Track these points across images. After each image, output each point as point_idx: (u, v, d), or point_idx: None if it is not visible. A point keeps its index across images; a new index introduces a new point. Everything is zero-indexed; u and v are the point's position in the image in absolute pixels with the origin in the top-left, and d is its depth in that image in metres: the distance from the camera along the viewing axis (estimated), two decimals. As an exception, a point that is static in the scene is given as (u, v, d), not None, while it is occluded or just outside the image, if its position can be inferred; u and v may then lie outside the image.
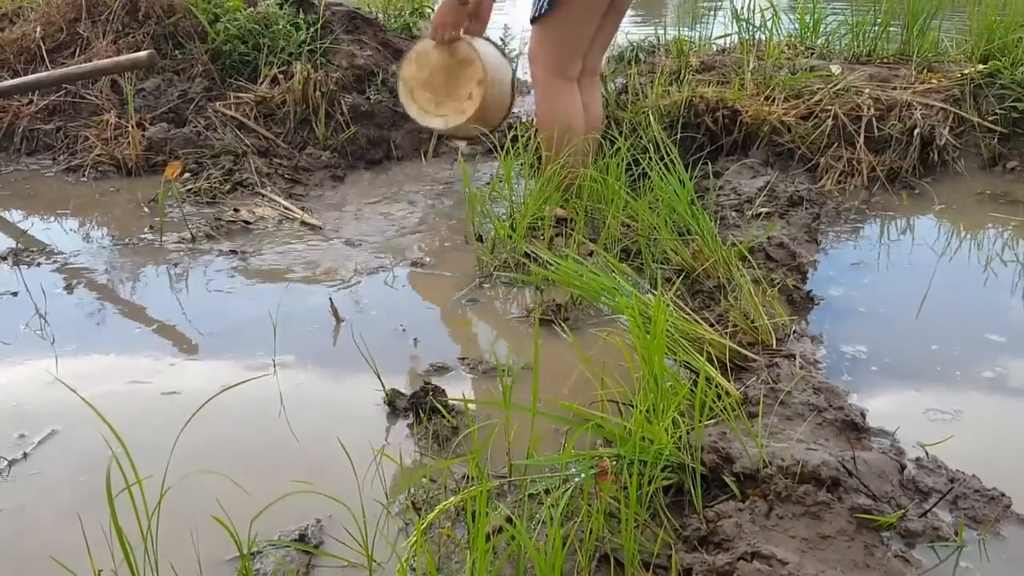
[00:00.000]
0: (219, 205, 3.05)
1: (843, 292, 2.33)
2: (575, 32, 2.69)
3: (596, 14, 2.69)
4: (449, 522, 1.42)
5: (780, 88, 3.44)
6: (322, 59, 3.78)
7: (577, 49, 2.76)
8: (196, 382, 1.93)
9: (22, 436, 1.70)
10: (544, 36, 2.70)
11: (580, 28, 2.69)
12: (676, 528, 1.39)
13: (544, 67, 2.73)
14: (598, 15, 2.69)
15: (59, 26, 3.99)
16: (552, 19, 2.63)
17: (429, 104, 3.04)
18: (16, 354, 2.05)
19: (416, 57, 3.04)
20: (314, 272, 2.51)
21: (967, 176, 3.22)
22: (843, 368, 1.94)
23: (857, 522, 1.34)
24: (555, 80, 2.72)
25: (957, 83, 3.44)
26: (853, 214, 2.92)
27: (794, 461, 1.42)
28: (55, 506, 1.50)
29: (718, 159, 3.26)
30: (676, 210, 2.40)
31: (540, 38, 2.72)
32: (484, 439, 1.60)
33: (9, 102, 3.73)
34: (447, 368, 1.97)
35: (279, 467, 1.61)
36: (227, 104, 3.62)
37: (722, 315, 2.05)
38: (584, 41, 2.75)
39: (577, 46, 2.75)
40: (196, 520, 1.37)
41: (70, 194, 3.23)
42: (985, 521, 1.42)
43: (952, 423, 1.73)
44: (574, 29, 2.68)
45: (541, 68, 2.75)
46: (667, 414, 1.48)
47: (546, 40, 2.70)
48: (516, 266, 2.45)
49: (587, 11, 2.67)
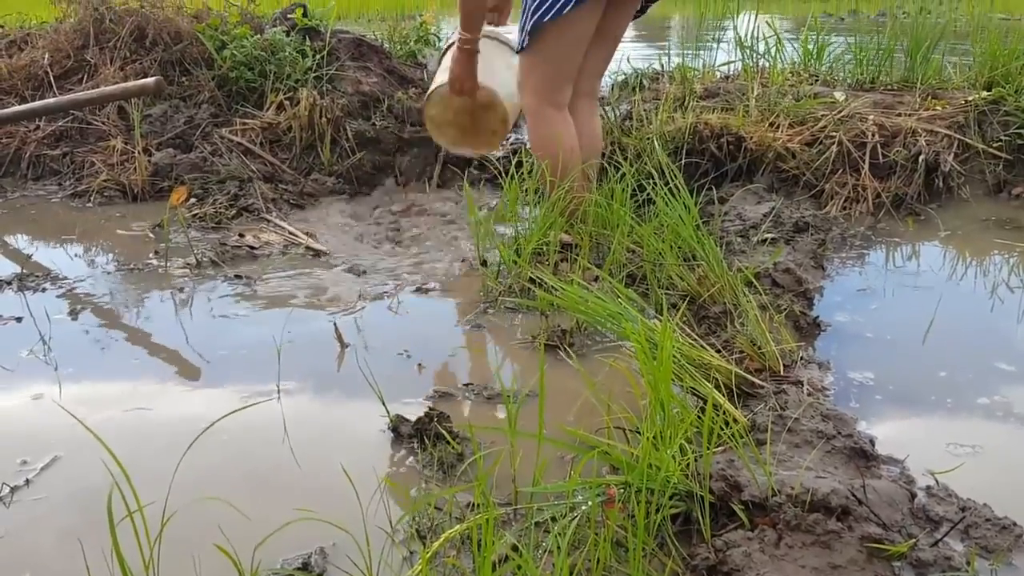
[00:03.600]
0: (224, 230, 3.05)
1: (850, 318, 2.32)
2: (560, 60, 2.69)
3: (581, 42, 2.68)
4: (454, 551, 1.40)
5: (784, 115, 3.45)
6: (328, 86, 3.80)
7: (565, 77, 2.74)
8: (199, 408, 1.92)
9: (24, 462, 1.69)
10: (531, 65, 2.71)
11: (566, 56, 2.69)
12: (684, 557, 1.37)
13: (533, 95, 2.74)
14: (584, 42, 2.68)
15: (67, 53, 4.03)
16: (535, 48, 2.64)
17: (456, 138, 3.23)
18: (19, 380, 2.04)
19: (439, 99, 3.14)
20: (319, 298, 2.50)
21: (972, 203, 3.22)
22: (851, 395, 1.92)
23: (868, 551, 1.32)
24: (544, 108, 2.73)
25: (961, 110, 3.45)
26: (859, 240, 2.91)
27: (803, 489, 1.41)
28: (57, 532, 1.49)
29: (723, 185, 3.27)
30: (681, 235, 2.40)
31: (528, 67, 2.73)
32: (489, 466, 1.59)
33: (16, 128, 3.75)
34: (452, 394, 1.96)
35: (282, 493, 1.59)
36: (233, 130, 3.64)
37: (728, 341, 2.04)
38: (571, 68, 2.73)
39: (564, 74, 2.73)
40: (198, 547, 1.35)
41: (76, 219, 3.24)
42: (997, 550, 1.40)
43: (962, 451, 1.71)
44: (559, 57, 2.68)
45: (530, 97, 2.76)
46: (674, 441, 1.46)
47: (534, 69, 2.71)
48: (521, 291, 2.45)
49: (571, 40, 2.66)
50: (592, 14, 2.63)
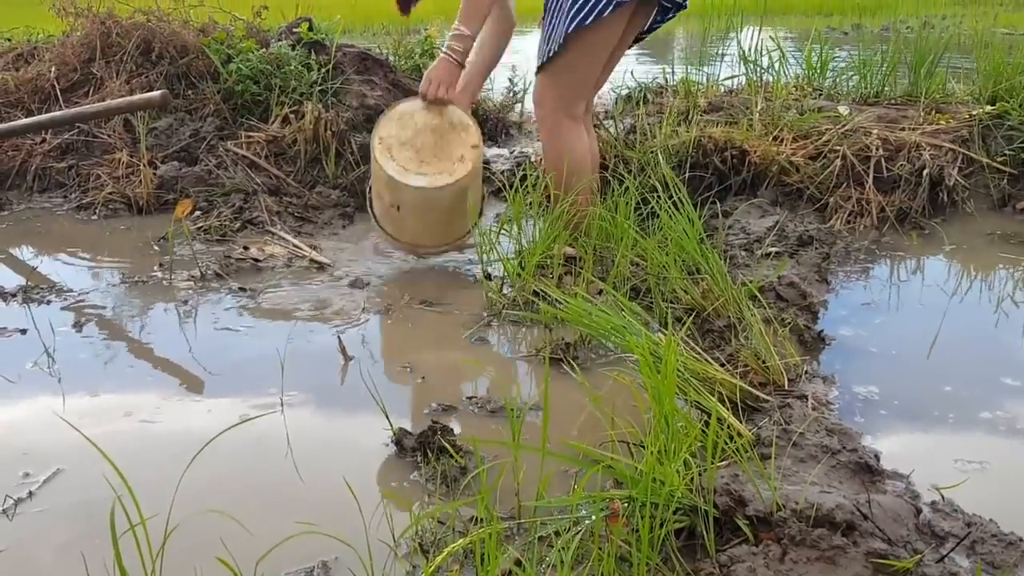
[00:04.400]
0: (229, 243, 3.06)
1: (854, 332, 2.31)
2: (586, 68, 2.72)
3: (608, 48, 2.71)
4: (457, 565, 1.40)
5: (788, 128, 3.45)
6: (333, 99, 3.81)
7: (586, 88, 2.80)
8: (202, 420, 1.91)
9: (27, 475, 1.68)
10: (554, 78, 2.71)
11: (591, 64, 2.72)
12: (688, 572, 1.36)
13: (551, 107, 2.75)
14: (609, 50, 2.72)
15: (73, 66, 4.05)
16: (563, 60, 2.64)
17: (410, 163, 2.72)
18: (23, 392, 2.04)
19: (399, 116, 2.78)
20: (323, 310, 2.50)
21: (977, 217, 3.21)
22: (856, 409, 1.91)
23: (873, 567, 1.31)
24: (563, 119, 2.74)
25: (965, 124, 3.45)
26: (863, 254, 2.91)
27: (808, 504, 1.40)
28: (59, 545, 1.49)
29: (727, 199, 3.27)
30: (685, 249, 2.40)
31: (550, 80, 2.73)
32: (493, 480, 1.59)
33: (22, 141, 3.77)
34: (455, 407, 1.96)
35: (285, 507, 1.59)
36: (238, 143, 3.65)
37: (733, 355, 2.03)
38: (593, 80, 2.79)
39: (586, 85, 2.78)
40: (201, 560, 1.35)
41: (81, 232, 3.25)
42: (1003, 567, 1.39)
43: (967, 466, 1.70)
44: (585, 66, 2.71)
45: (548, 108, 2.76)
46: (679, 455, 1.45)
47: (557, 81, 2.71)
48: (525, 305, 2.44)
49: (600, 46, 2.69)
50: (622, 19, 2.65)
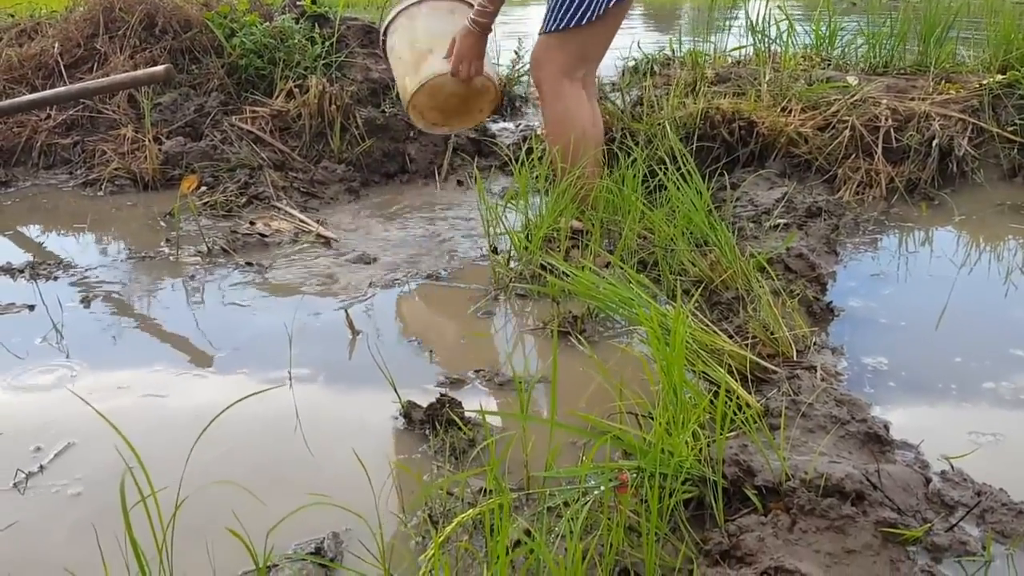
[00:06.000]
0: (235, 218, 3.05)
1: (863, 303, 2.31)
2: (595, 43, 2.72)
3: (616, 27, 2.73)
4: (467, 535, 1.40)
5: (797, 99, 3.42)
6: (337, 73, 3.79)
7: (593, 59, 2.79)
8: (211, 395, 1.92)
9: (38, 449, 1.69)
10: (561, 44, 2.67)
11: (600, 39, 2.73)
12: (697, 542, 1.36)
13: (552, 70, 2.70)
14: (617, 27, 2.73)
15: (77, 41, 4.03)
16: (577, 32, 2.62)
17: (437, 118, 3.05)
18: (32, 367, 2.04)
19: (430, 89, 2.88)
20: (329, 285, 2.50)
21: (987, 187, 3.19)
22: (865, 380, 1.91)
23: (882, 536, 1.31)
24: (563, 80, 2.70)
25: (975, 94, 3.42)
26: (872, 225, 2.89)
27: (817, 474, 1.40)
28: (71, 519, 1.50)
29: (734, 171, 3.24)
30: (693, 221, 2.39)
31: (556, 45, 2.68)
32: (501, 451, 1.59)
33: (27, 117, 3.76)
34: (463, 380, 1.96)
35: (295, 480, 1.59)
36: (243, 118, 3.64)
37: (741, 327, 2.03)
38: (601, 52, 2.79)
39: (594, 56, 2.78)
40: (211, 533, 1.36)
41: (87, 208, 3.25)
42: (1013, 535, 1.39)
43: (977, 436, 1.70)
44: (595, 41, 2.70)
45: (549, 70, 2.71)
46: (687, 426, 1.45)
47: (563, 47, 2.67)
48: (532, 278, 2.44)
49: (612, 25, 2.71)
50: None
